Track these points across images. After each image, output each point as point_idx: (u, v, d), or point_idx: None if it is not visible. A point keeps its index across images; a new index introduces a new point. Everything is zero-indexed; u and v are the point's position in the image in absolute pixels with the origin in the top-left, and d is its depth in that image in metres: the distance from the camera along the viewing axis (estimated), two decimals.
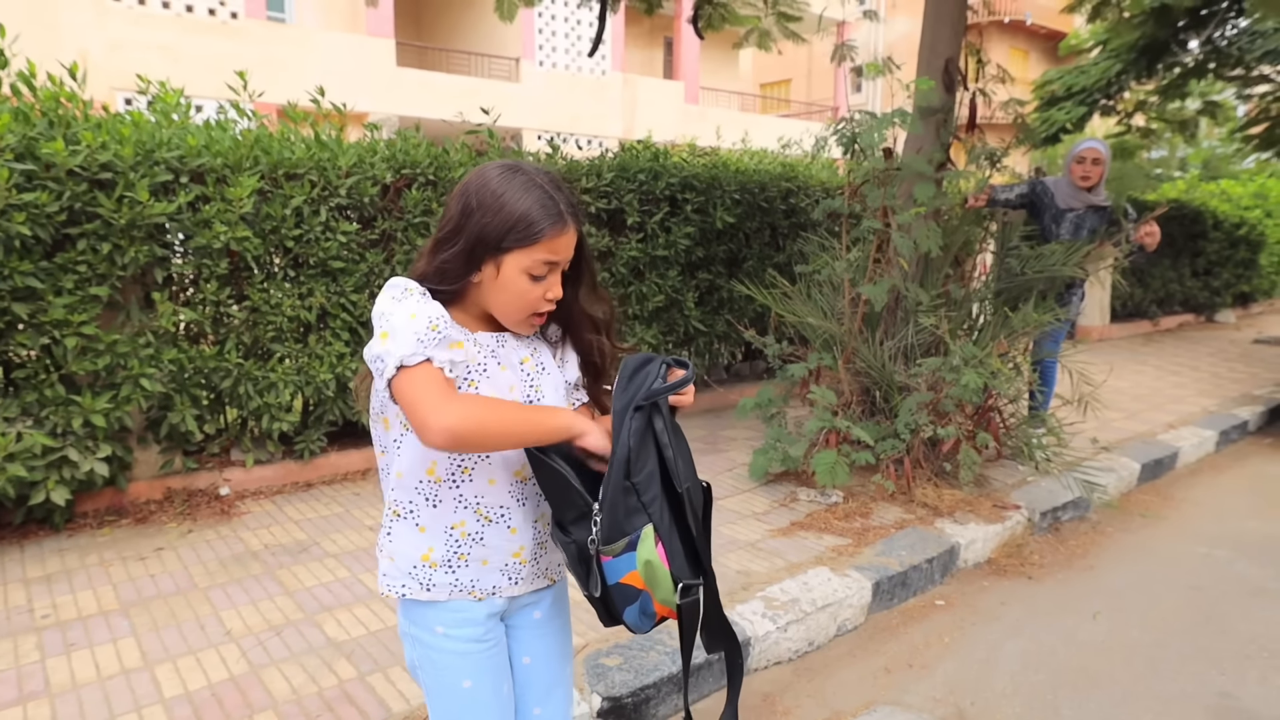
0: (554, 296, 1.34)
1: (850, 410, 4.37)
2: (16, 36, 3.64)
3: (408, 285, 1.27)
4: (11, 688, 2.50)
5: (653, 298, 5.35)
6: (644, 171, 5.26)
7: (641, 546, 1.25)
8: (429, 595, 1.35)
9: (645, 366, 1.32)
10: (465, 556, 1.36)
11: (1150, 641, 3.09)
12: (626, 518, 1.26)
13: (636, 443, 1.26)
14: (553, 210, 1.29)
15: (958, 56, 4.41)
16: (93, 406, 3.42)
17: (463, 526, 1.35)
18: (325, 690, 2.46)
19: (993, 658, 2.99)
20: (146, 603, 3.02)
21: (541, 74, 16.15)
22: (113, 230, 3.43)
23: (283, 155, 3.83)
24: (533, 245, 1.28)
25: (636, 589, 1.27)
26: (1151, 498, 4.71)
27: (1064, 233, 4.73)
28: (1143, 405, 6.44)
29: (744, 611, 2.95)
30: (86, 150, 3.33)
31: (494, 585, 1.38)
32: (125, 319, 3.59)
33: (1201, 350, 9.20)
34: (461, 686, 1.38)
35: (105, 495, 3.80)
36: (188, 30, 12.37)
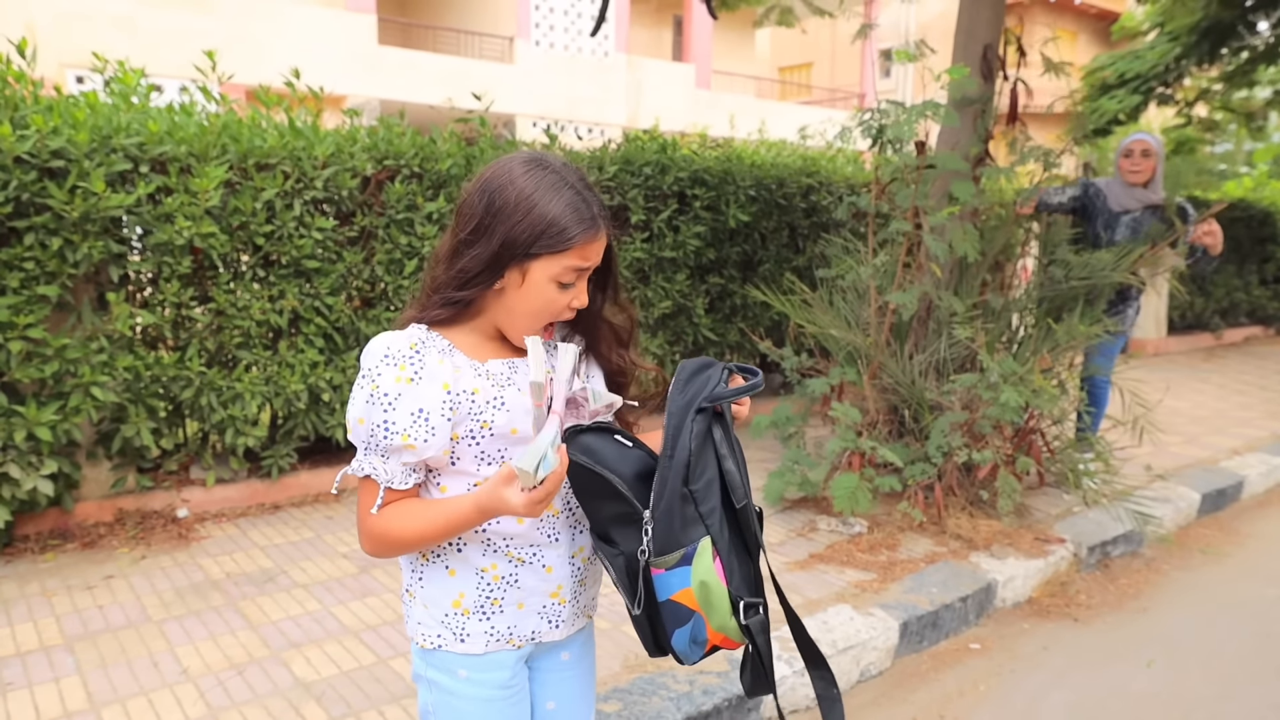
0: (579, 305, 1.34)
1: (876, 430, 4.38)
2: None
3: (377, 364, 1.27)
4: None
5: (659, 303, 5.37)
6: (650, 165, 5.29)
7: (698, 562, 1.24)
8: (463, 648, 1.36)
9: (706, 370, 1.34)
10: (499, 602, 1.36)
11: (1212, 695, 3.08)
12: (683, 528, 1.25)
13: (697, 447, 1.26)
14: (586, 214, 1.29)
15: (997, 42, 4.43)
16: (38, 418, 3.44)
17: (494, 569, 1.35)
18: None
19: (1034, 710, 2.98)
20: (94, 637, 3.03)
21: (538, 54, 16.24)
22: (64, 224, 3.46)
23: (253, 143, 3.86)
24: (565, 251, 1.27)
25: (689, 609, 1.26)
26: (1213, 532, 4.70)
27: (1119, 238, 4.70)
28: (1203, 428, 6.42)
29: None
30: (36, 135, 3.37)
31: (533, 630, 1.39)
32: (76, 321, 3.62)
33: (1270, 367, 9.17)
34: None
35: (49, 516, 3.81)
36: (147, 2, 12.46)
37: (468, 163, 4.53)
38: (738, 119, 14.88)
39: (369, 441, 1.27)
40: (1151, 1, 6.41)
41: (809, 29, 7.13)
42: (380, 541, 1.30)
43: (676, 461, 1.26)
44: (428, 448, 1.26)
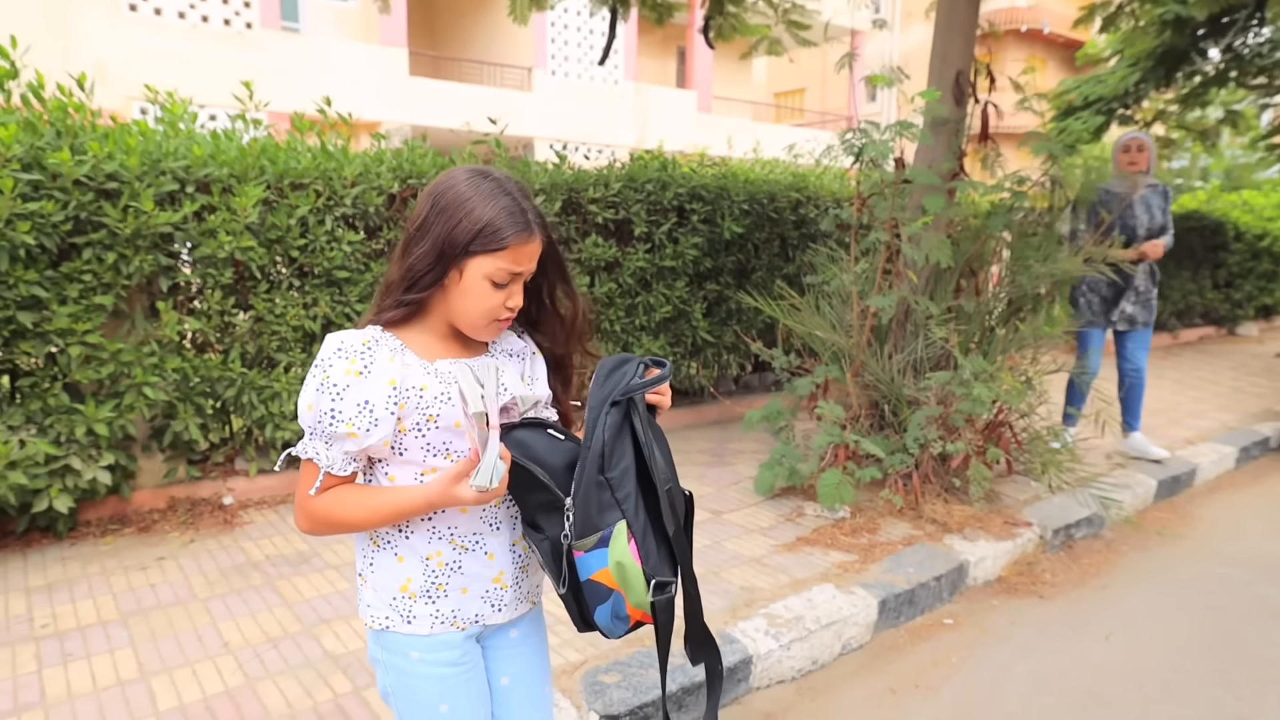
0: (514, 305, 1.33)
1: (859, 424, 4.33)
2: (28, 48, 3.69)
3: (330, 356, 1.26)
4: (7, 698, 2.51)
5: (660, 308, 5.34)
6: (651, 181, 5.26)
7: (614, 544, 1.24)
8: (410, 629, 1.33)
9: (623, 365, 1.33)
10: (444, 586, 1.34)
11: (1165, 665, 3.04)
12: (600, 513, 1.25)
13: (611, 437, 1.26)
14: (519, 219, 1.28)
15: (969, 68, 4.38)
16: (96, 415, 3.44)
17: (439, 556, 1.33)
18: (320, 705, 2.45)
19: (1001, 679, 2.94)
20: (146, 613, 3.03)
21: (554, 83, 16.23)
22: (118, 240, 3.45)
23: (288, 165, 3.85)
24: (498, 252, 1.27)
25: (608, 588, 1.25)
26: (1168, 515, 4.64)
27: (1139, 213, 4.91)
28: (1160, 420, 6.35)
29: (746, 629, 2.93)
30: (93, 160, 3.36)
31: (476, 614, 1.37)
32: (130, 328, 3.62)
33: (1222, 364, 9.07)
34: (438, 711, 1.35)
35: (109, 504, 3.82)
36: (203, 40, 12.51)
37: None
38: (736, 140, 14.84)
39: (315, 427, 1.27)
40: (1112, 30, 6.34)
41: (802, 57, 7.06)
42: (318, 522, 1.29)
43: (592, 452, 1.26)
44: (369, 437, 1.25)
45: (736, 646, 2.82)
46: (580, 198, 4.95)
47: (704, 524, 3.98)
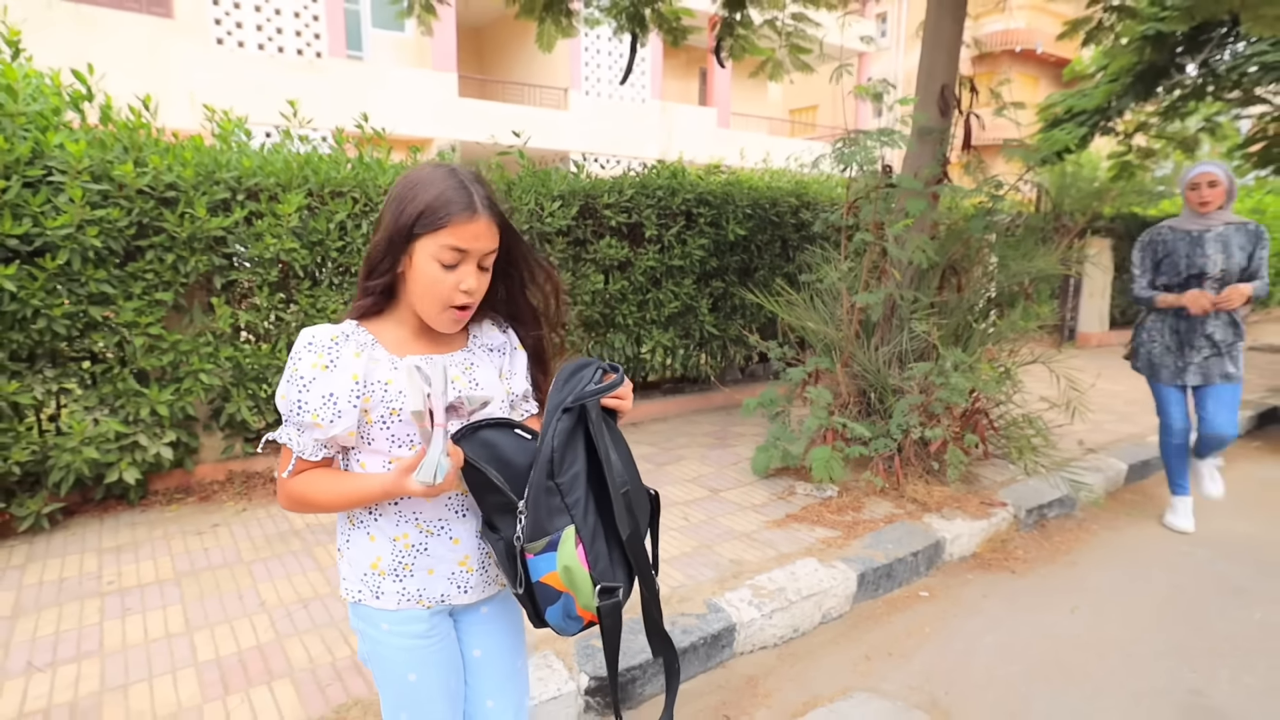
0: (468, 288, 1.21)
1: (847, 410, 4.21)
2: (103, 75, 3.69)
3: (301, 350, 1.21)
4: (71, 647, 2.52)
5: (669, 304, 5.24)
6: (662, 188, 5.15)
7: (562, 548, 1.15)
8: (378, 603, 1.28)
9: (581, 370, 1.23)
10: (410, 566, 1.28)
11: (1126, 637, 2.89)
12: (549, 517, 1.16)
13: (560, 444, 1.17)
14: (462, 198, 1.19)
15: (953, 83, 4.20)
16: (158, 398, 3.45)
17: (406, 538, 1.27)
18: (338, 660, 2.42)
19: (971, 649, 2.82)
20: (197, 573, 3.03)
21: (587, 102, 16.11)
22: (176, 242, 3.45)
23: (329, 175, 3.82)
24: (439, 230, 1.18)
25: (557, 590, 1.17)
26: (1138, 497, 4.45)
27: (1212, 251, 3.61)
28: (1135, 409, 6.12)
29: (732, 599, 2.84)
30: (153, 172, 3.36)
31: (442, 594, 1.30)
32: (188, 321, 3.62)
33: None
34: (407, 680, 1.30)
35: (175, 476, 3.85)
36: (279, 68, 12.60)
37: (507, 189, 4.44)
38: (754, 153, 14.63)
39: (287, 415, 1.21)
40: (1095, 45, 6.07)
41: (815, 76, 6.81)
42: (294, 501, 1.26)
43: (541, 457, 1.17)
44: (333, 428, 1.20)
45: (722, 615, 2.73)
46: (596, 203, 4.87)
47: (702, 501, 3.89)
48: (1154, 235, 3.78)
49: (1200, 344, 3.68)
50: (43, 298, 3.15)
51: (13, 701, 2.23)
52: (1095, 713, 2.43)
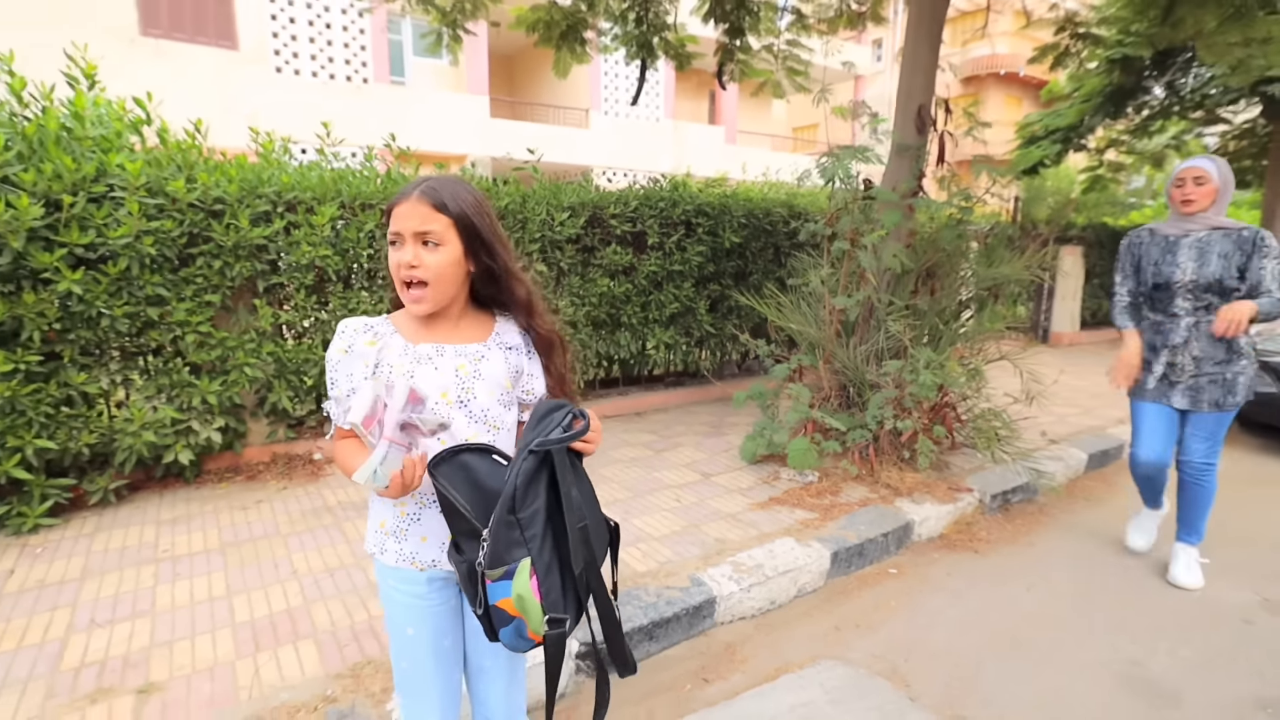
0: (408, 261, 1.24)
1: (829, 403, 4.17)
2: (161, 101, 3.75)
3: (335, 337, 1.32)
4: (128, 606, 2.57)
5: (670, 305, 5.22)
6: (664, 200, 5.12)
7: (517, 578, 1.14)
8: (383, 559, 1.34)
9: (553, 413, 1.23)
10: (405, 531, 1.32)
11: (1075, 612, 2.84)
12: (507, 549, 1.15)
13: (523, 483, 1.16)
14: (404, 190, 1.27)
15: (930, 104, 4.13)
16: (208, 388, 3.50)
17: (404, 506, 1.31)
18: (357, 624, 2.44)
19: (933, 622, 2.79)
20: (240, 544, 3.07)
21: (606, 121, 16.07)
22: (223, 250, 3.49)
23: (359, 189, 3.83)
24: (388, 216, 1.28)
25: (510, 615, 1.16)
26: (1097, 484, 4.37)
27: (1184, 260, 2.87)
28: (1099, 403, 6.01)
29: (713, 574, 2.83)
30: (202, 187, 3.40)
31: (433, 559, 1.32)
32: (234, 320, 3.66)
33: None
34: (405, 632, 1.35)
35: (225, 457, 3.90)
36: (331, 93, 12.70)
37: (522, 200, 4.44)
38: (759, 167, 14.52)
39: (329, 390, 1.31)
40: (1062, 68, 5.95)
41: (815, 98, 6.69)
42: (336, 462, 1.38)
43: (504, 493, 1.16)
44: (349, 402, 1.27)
45: (704, 589, 2.72)
46: (603, 213, 4.85)
47: (694, 484, 3.88)
48: (1133, 238, 3.10)
49: (1183, 361, 2.90)
50: (106, 300, 3.21)
51: (77, 653, 2.29)
52: (1040, 680, 2.39)
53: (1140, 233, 3.11)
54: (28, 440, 3.08)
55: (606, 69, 15.91)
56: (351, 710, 1.99)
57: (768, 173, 9.32)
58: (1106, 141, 8.49)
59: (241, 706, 2.03)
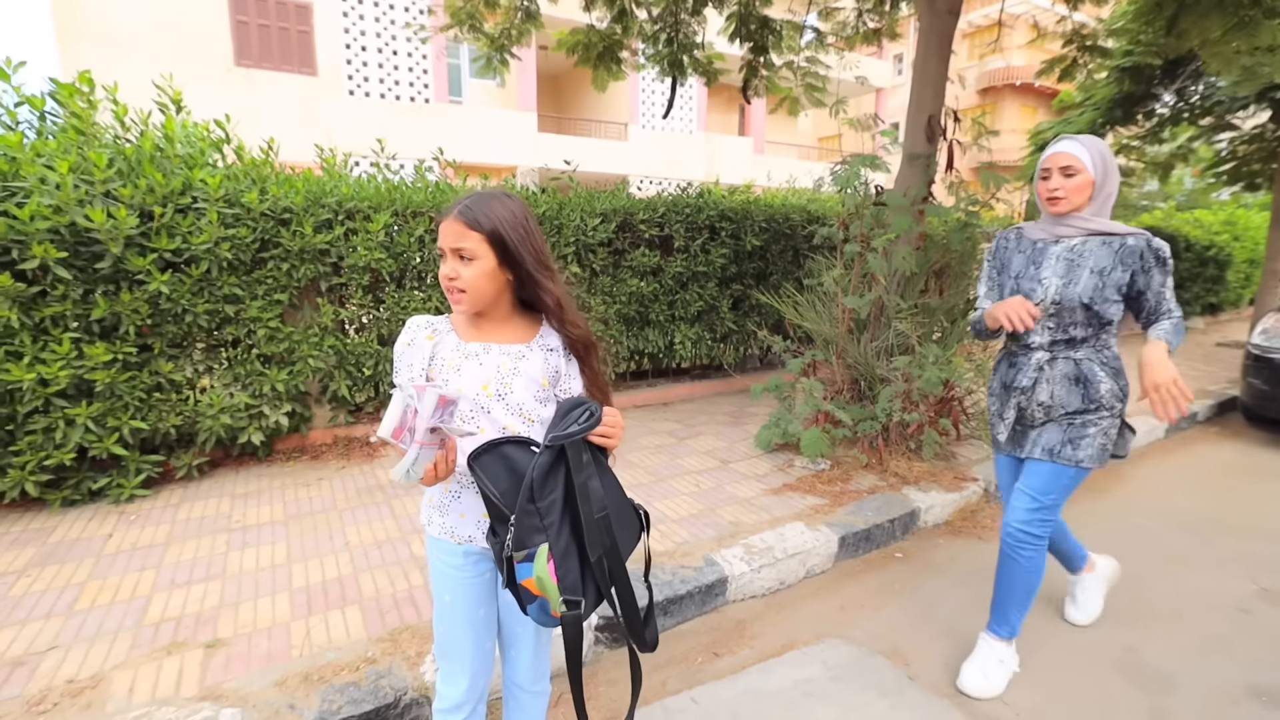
0: (450, 277, 1.27)
1: (841, 396, 4.04)
2: (240, 122, 3.81)
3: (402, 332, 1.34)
4: (203, 569, 2.63)
5: (694, 303, 5.13)
6: (690, 206, 5.03)
7: (536, 561, 1.14)
8: (429, 530, 1.37)
9: (572, 411, 1.22)
10: (447, 507, 1.34)
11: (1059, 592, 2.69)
12: (529, 534, 1.15)
13: (540, 474, 1.15)
14: (449, 208, 1.28)
15: (939, 114, 3.95)
16: (276, 377, 3.56)
17: (447, 485, 1.33)
18: (398, 592, 2.45)
19: (934, 604, 2.67)
20: (300, 517, 3.12)
21: (644, 134, 15.97)
22: (290, 254, 3.54)
23: (410, 198, 3.85)
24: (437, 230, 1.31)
25: (533, 594, 1.16)
26: (1100, 476, 4.14)
27: (1048, 274, 2.02)
28: None
29: (726, 555, 2.76)
30: (272, 199, 3.44)
31: (469, 535, 1.34)
32: (300, 316, 3.72)
33: None
34: (444, 598, 1.37)
35: (293, 439, 3.97)
36: (396, 112, 12.88)
37: (559, 208, 4.41)
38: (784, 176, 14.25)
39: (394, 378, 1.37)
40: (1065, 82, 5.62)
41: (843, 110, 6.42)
42: None
43: (524, 483, 1.15)
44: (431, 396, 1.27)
45: (716, 568, 2.66)
46: (633, 219, 4.79)
47: (713, 471, 3.81)
48: (999, 240, 2.22)
49: (1033, 412, 2.06)
50: (190, 298, 3.28)
51: (158, 609, 2.35)
52: (1034, 662, 2.27)
53: (1008, 234, 2.21)
54: (124, 421, 3.18)
55: (644, 85, 15.79)
56: (389, 671, 1.99)
57: (791, 180, 9.10)
58: (1116, 147, 8.04)
59: (293, 664, 2.05)
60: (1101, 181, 1.97)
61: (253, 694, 1.91)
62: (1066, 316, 2.00)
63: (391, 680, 1.96)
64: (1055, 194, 1.99)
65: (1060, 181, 1.98)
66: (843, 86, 6.95)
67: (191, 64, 10.78)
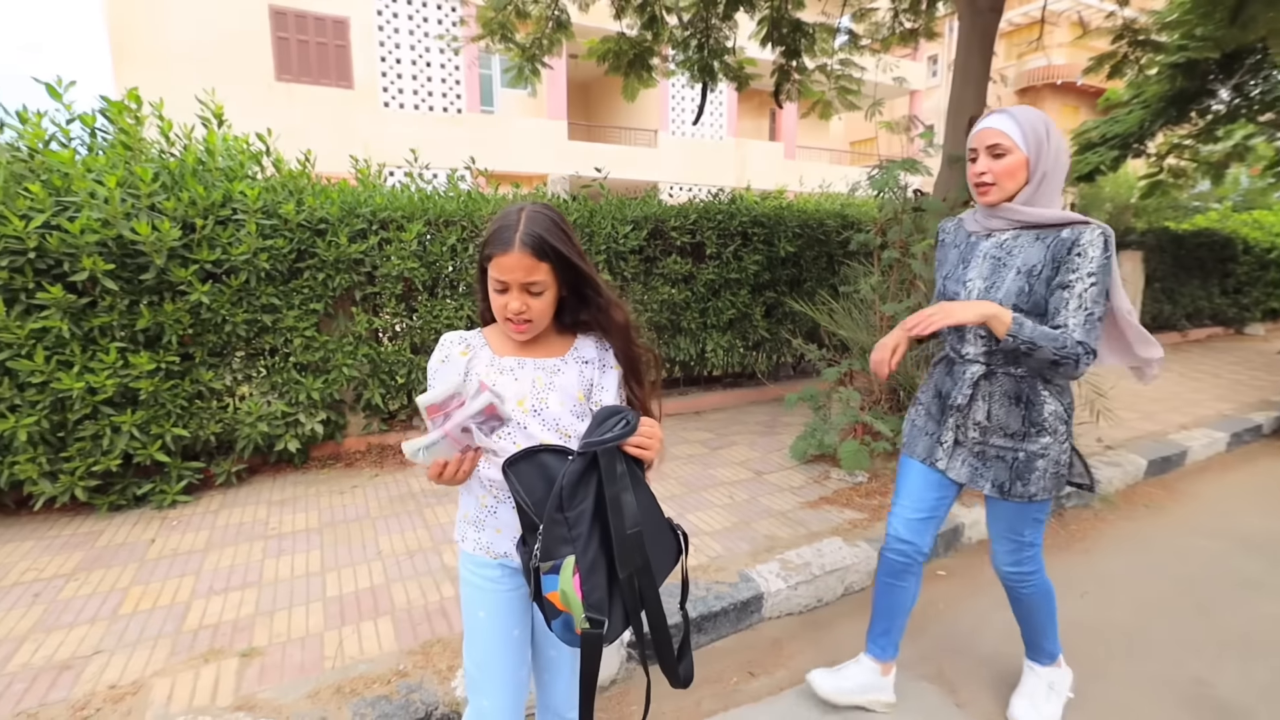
0: (515, 311, 1.20)
1: (880, 406, 3.93)
2: (279, 135, 3.89)
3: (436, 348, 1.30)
4: (240, 576, 2.66)
5: (726, 311, 5.07)
6: (722, 213, 4.98)
7: (562, 574, 1.08)
8: (464, 546, 1.33)
9: (610, 418, 1.15)
10: (483, 522, 1.30)
11: (1133, 624, 2.54)
12: (556, 545, 1.09)
13: (570, 483, 1.10)
14: (503, 238, 1.18)
15: (980, 115, 3.83)
16: (311, 385, 3.61)
17: (484, 500, 1.29)
18: (430, 604, 2.44)
19: (980, 626, 2.56)
20: (335, 525, 3.14)
21: (673, 141, 15.96)
22: (326, 264, 3.59)
23: (443, 207, 3.88)
24: (489, 264, 1.21)
25: (558, 608, 1.09)
26: (1157, 491, 3.94)
27: (973, 275, 1.74)
28: (1160, 408, 5.46)
29: (762, 570, 2.69)
30: (309, 209, 3.50)
31: (505, 551, 1.30)
32: (335, 325, 3.76)
33: (1226, 359, 7.73)
34: (477, 615, 1.32)
35: (328, 446, 4.02)
36: (430, 123, 13.13)
37: (590, 215, 4.40)
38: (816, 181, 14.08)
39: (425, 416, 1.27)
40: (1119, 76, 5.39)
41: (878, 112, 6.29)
42: None
43: (554, 492, 1.09)
44: None
45: (752, 584, 2.59)
46: (665, 226, 4.76)
47: (747, 482, 3.73)
48: (941, 231, 1.94)
49: (968, 432, 1.80)
50: (229, 308, 3.35)
51: (197, 616, 2.38)
52: (1094, 694, 2.14)
53: (947, 225, 1.92)
54: (167, 428, 3.25)
55: (674, 93, 15.80)
56: (420, 685, 1.98)
57: (825, 185, 8.97)
58: (1167, 147, 7.73)
59: (326, 675, 2.05)
60: (1037, 160, 1.63)
61: (285, 705, 1.91)
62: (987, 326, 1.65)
63: (423, 695, 1.94)
64: (982, 180, 1.68)
65: (988, 164, 1.67)
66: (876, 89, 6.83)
67: (235, 80, 11.15)
